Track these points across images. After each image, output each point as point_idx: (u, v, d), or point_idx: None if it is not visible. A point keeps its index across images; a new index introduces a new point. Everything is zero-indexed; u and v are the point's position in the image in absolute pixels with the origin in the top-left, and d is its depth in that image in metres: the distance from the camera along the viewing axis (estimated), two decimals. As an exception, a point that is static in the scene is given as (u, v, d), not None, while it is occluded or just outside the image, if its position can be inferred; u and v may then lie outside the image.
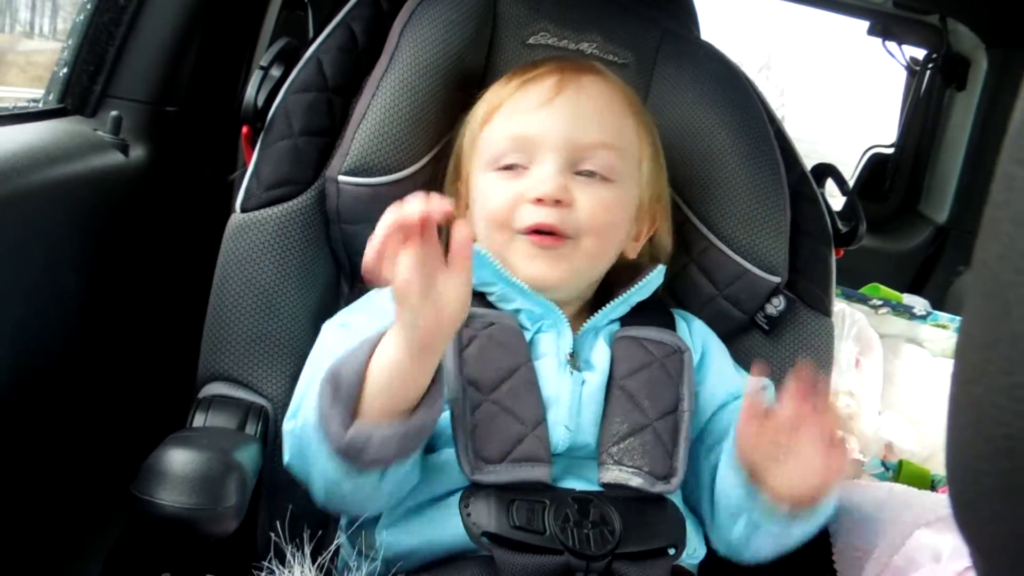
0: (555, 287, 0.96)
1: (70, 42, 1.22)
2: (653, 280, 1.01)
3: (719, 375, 1.03)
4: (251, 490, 0.83)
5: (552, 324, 0.97)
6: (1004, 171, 0.27)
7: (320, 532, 0.80)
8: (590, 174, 0.96)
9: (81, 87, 1.21)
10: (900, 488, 0.99)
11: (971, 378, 0.28)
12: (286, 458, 0.89)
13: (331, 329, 0.97)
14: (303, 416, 0.86)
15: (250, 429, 0.93)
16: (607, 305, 0.99)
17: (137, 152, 1.21)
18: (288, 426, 0.92)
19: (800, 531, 0.88)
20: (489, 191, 0.97)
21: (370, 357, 0.79)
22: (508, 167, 0.96)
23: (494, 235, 0.96)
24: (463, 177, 1.03)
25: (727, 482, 0.90)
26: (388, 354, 0.79)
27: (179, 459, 0.78)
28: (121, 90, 1.23)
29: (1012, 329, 0.26)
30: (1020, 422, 0.26)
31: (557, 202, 0.93)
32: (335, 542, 0.78)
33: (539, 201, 0.93)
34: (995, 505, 0.27)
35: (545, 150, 0.95)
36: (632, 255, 1.04)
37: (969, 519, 0.29)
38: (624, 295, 1.00)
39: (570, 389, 0.92)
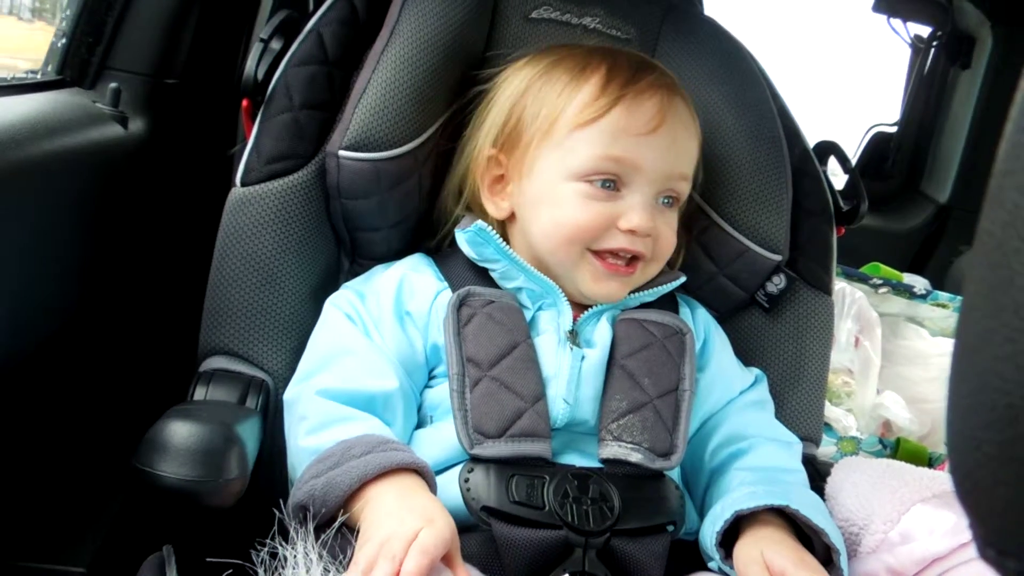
0: (616, 301, 0.98)
1: (68, 12, 1.21)
2: (668, 288, 1.03)
3: (718, 367, 1.04)
4: (252, 463, 0.84)
5: (552, 303, 0.97)
6: (1011, 139, 0.27)
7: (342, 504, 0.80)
8: (668, 201, 0.98)
9: (80, 58, 1.20)
10: (897, 464, 0.99)
11: (974, 347, 0.28)
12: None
13: (337, 315, 0.97)
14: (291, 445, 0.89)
15: (251, 403, 0.93)
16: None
17: (136, 125, 1.21)
18: (288, 395, 0.92)
19: None
20: (576, 205, 0.94)
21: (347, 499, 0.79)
22: (599, 184, 0.94)
23: (565, 247, 0.95)
24: (519, 155, 0.99)
25: (707, 540, 0.90)
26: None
27: (180, 431, 0.78)
28: (120, 62, 1.23)
29: (1016, 298, 0.26)
30: (1023, 391, 0.26)
31: (647, 235, 0.94)
32: (339, 519, 0.77)
33: (630, 231, 0.93)
34: (996, 473, 0.27)
35: (642, 179, 0.94)
36: None
37: (970, 487, 0.29)
38: (637, 295, 1.00)
39: (569, 364, 0.92)
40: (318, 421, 0.86)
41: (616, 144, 0.94)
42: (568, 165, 0.95)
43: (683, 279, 1.04)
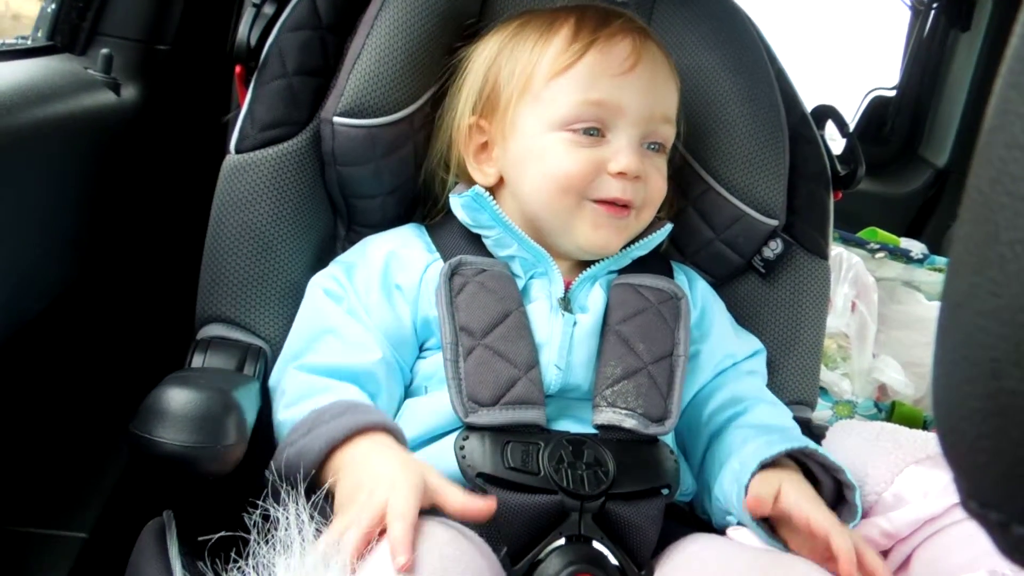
0: (611, 253, 0.98)
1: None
2: (657, 237, 1.02)
3: (720, 337, 1.05)
4: (250, 429, 0.84)
5: (544, 272, 0.97)
6: (1000, 95, 0.27)
7: (315, 471, 0.81)
8: (655, 147, 0.97)
9: (70, 24, 1.19)
10: (891, 427, 1.00)
11: (959, 302, 0.28)
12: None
13: (318, 293, 0.97)
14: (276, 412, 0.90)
15: (248, 370, 0.94)
16: (607, 257, 0.99)
17: (129, 91, 1.20)
18: (272, 379, 0.93)
19: None
20: (561, 154, 0.94)
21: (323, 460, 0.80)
22: (583, 131, 0.94)
23: (559, 198, 0.95)
24: (499, 117, 0.99)
25: (730, 496, 0.90)
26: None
27: (179, 398, 0.78)
28: (111, 28, 1.21)
29: (1000, 252, 0.26)
30: (1006, 344, 0.26)
31: (636, 177, 0.94)
32: (329, 480, 0.78)
33: (620, 175, 0.93)
34: (979, 426, 0.28)
35: (625, 121, 0.94)
36: None
37: (954, 441, 0.30)
38: (628, 251, 1.00)
39: (561, 330, 0.93)
40: (295, 395, 0.88)
41: (594, 87, 0.94)
42: (549, 116, 0.95)
43: (670, 226, 1.04)
